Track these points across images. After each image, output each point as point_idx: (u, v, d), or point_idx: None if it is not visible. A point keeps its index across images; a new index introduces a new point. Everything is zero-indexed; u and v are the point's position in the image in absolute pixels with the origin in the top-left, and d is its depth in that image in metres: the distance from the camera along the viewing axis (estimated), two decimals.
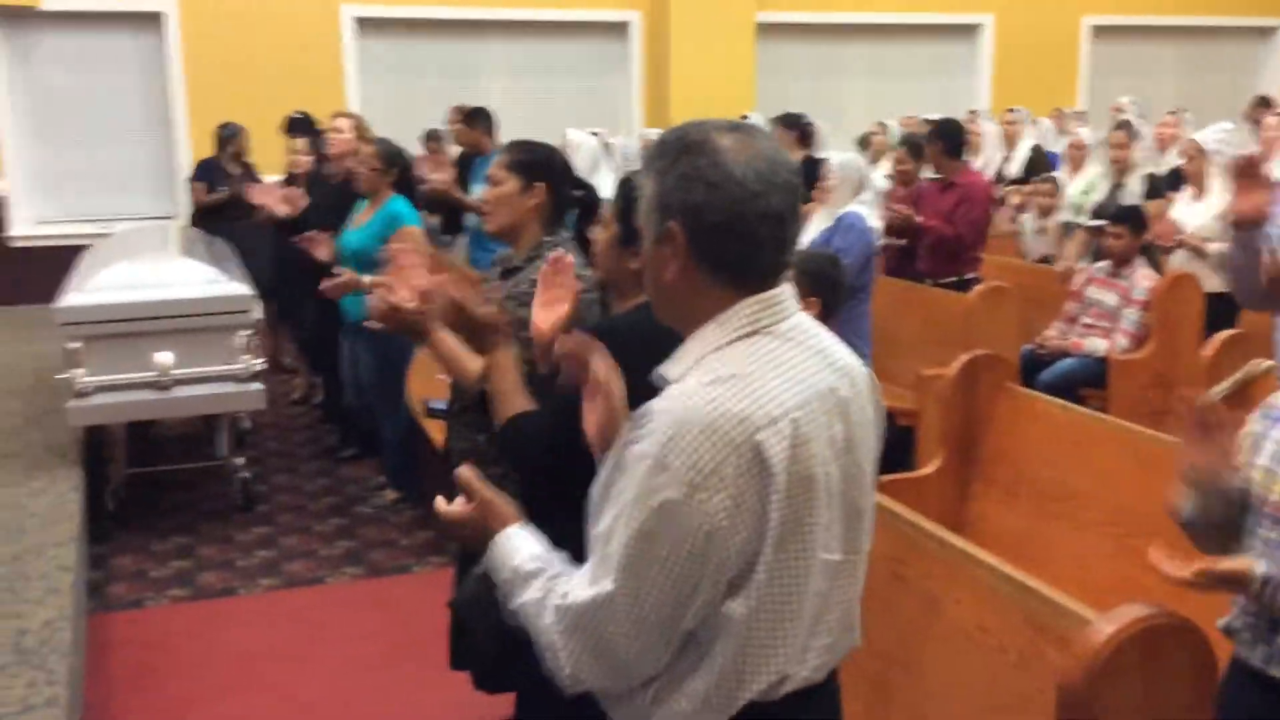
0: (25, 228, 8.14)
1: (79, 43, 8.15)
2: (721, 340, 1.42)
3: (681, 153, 1.42)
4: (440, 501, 1.65)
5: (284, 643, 3.84)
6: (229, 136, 6.85)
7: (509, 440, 2.05)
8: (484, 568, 1.95)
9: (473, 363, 2.27)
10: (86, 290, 4.55)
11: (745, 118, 7.11)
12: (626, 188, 2.02)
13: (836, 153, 5.43)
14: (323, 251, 4.62)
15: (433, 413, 4.84)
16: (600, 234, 2.16)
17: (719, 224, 1.40)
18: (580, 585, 1.42)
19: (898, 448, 4.71)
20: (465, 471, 1.62)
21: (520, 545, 1.56)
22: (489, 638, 1.95)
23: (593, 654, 1.41)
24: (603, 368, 1.56)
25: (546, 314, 2.13)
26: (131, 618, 4.01)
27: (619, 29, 9.40)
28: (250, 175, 6.91)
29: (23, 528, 4.00)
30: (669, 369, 1.45)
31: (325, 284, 4.34)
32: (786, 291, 1.48)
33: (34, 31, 8.02)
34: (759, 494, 1.36)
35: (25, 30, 8.00)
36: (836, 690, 1.59)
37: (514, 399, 2.03)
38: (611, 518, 1.39)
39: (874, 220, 4.79)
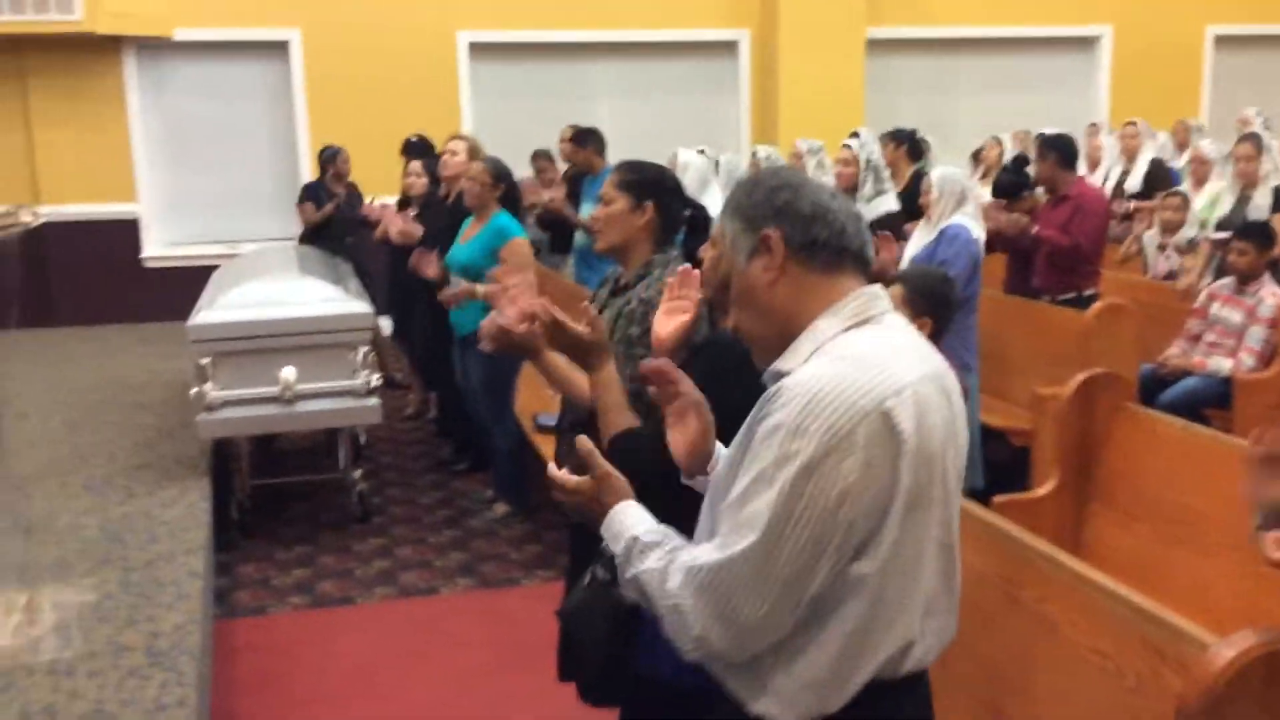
0: (158, 249, 8.53)
1: (209, 71, 8.53)
2: (836, 329, 1.52)
3: (762, 181, 1.62)
4: (553, 467, 1.73)
5: (399, 650, 3.95)
6: (329, 158, 7.10)
7: (618, 457, 2.08)
8: (589, 579, 2.00)
9: (583, 379, 2.32)
10: (216, 308, 4.75)
11: (855, 134, 7.09)
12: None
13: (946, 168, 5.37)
14: (431, 269, 4.76)
15: (541, 428, 4.95)
16: (707, 252, 2.19)
17: (809, 214, 1.56)
18: (710, 549, 1.49)
19: (1012, 468, 4.64)
20: (585, 441, 1.69)
21: (639, 518, 1.64)
22: (594, 648, 1.99)
23: (721, 616, 1.46)
24: (688, 388, 1.62)
25: (667, 321, 2.18)
26: (255, 624, 4.16)
27: (728, 48, 9.44)
28: (354, 195, 7.14)
29: (155, 536, 4.20)
30: (785, 363, 1.54)
31: (443, 294, 4.48)
32: (881, 288, 1.60)
33: (167, 61, 8.42)
34: (890, 458, 1.43)
35: (159, 60, 8.40)
36: (930, 689, 1.63)
37: (618, 416, 2.08)
38: (746, 484, 1.46)
39: (978, 231, 4.73)
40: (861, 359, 1.47)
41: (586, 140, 6.65)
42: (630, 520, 1.63)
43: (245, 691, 3.68)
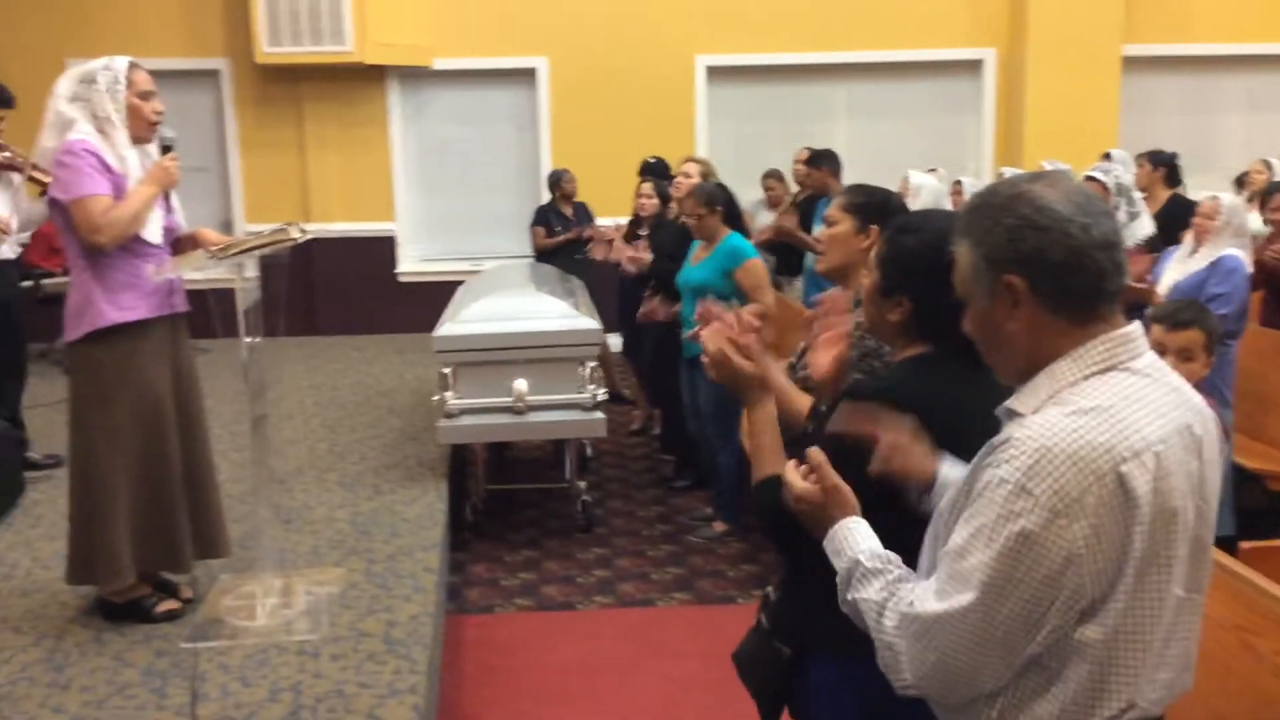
0: (410, 265, 9.10)
1: (463, 98, 9.04)
2: (1077, 375, 1.44)
3: (1000, 210, 1.46)
4: (791, 468, 1.71)
5: (615, 657, 4.06)
6: (555, 180, 7.39)
7: (757, 501, 2.01)
8: (763, 624, 2.01)
9: (801, 401, 2.32)
10: (458, 321, 5.03)
11: (1106, 155, 6.76)
12: (893, 236, 1.96)
13: (1208, 192, 5.07)
14: (661, 315, 4.87)
15: None
16: (866, 279, 2.13)
17: (1061, 262, 1.42)
18: (928, 596, 1.46)
19: (1267, 513, 4.30)
20: (817, 453, 1.67)
21: (861, 538, 1.62)
22: (759, 695, 2.02)
23: (935, 665, 1.45)
24: (893, 432, 1.62)
25: (823, 354, 2.14)
26: (482, 621, 4.38)
27: (971, 67, 9.20)
28: (583, 214, 7.39)
29: (397, 531, 4.49)
30: (1019, 403, 1.47)
31: (640, 313, 4.61)
32: (1138, 329, 1.48)
33: (426, 89, 8.99)
34: (1122, 524, 1.37)
35: (419, 88, 8.98)
36: None
37: (767, 458, 1.97)
38: (966, 536, 1.42)
39: (1248, 265, 4.47)
40: (1100, 413, 1.39)
41: (821, 161, 6.64)
42: (854, 539, 1.62)
43: (470, 684, 3.88)
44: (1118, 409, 1.40)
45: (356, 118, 8.82)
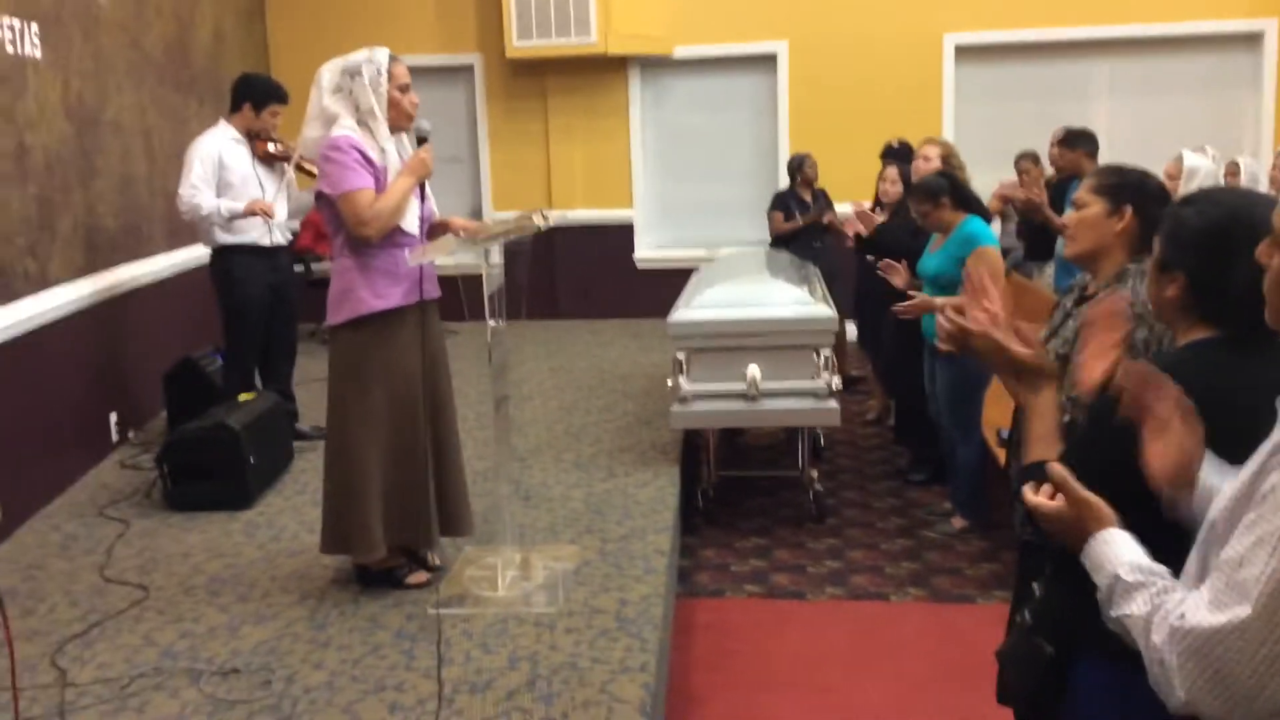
0: (647, 251, 9.24)
1: (702, 85, 9.08)
2: None
3: None
4: (1029, 490, 1.65)
5: (846, 651, 3.99)
6: (796, 167, 7.26)
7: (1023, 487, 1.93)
8: (1026, 620, 1.90)
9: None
10: (693, 307, 5.07)
11: None
12: (1175, 209, 1.84)
13: None
14: (899, 279, 4.72)
15: (1004, 442, 4.75)
16: (1267, 257, 1.97)
17: None
18: (1201, 608, 1.36)
19: None
20: (1058, 469, 1.60)
21: (1121, 551, 1.53)
22: (1020, 694, 1.91)
23: (1212, 682, 1.34)
24: (1174, 403, 1.47)
25: (1094, 366, 1.92)
26: (712, 605, 4.40)
27: (1249, 40, 8.46)
28: (823, 200, 7.25)
29: (630, 513, 4.57)
30: None
31: (900, 306, 4.46)
32: None
33: (666, 77, 9.09)
34: None
35: (659, 76, 9.09)
36: None
37: (1042, 447, 1.87)
38: (1248, 544, 1.32)
39: None
40: None
41: (1076, 142, 6.28)
42: (1113, 552, 1.53)
43: (699, 667, 3.90)
44: None
45: (599, 108, 9.01)
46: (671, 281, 6.41)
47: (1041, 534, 1.79)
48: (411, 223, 3.67)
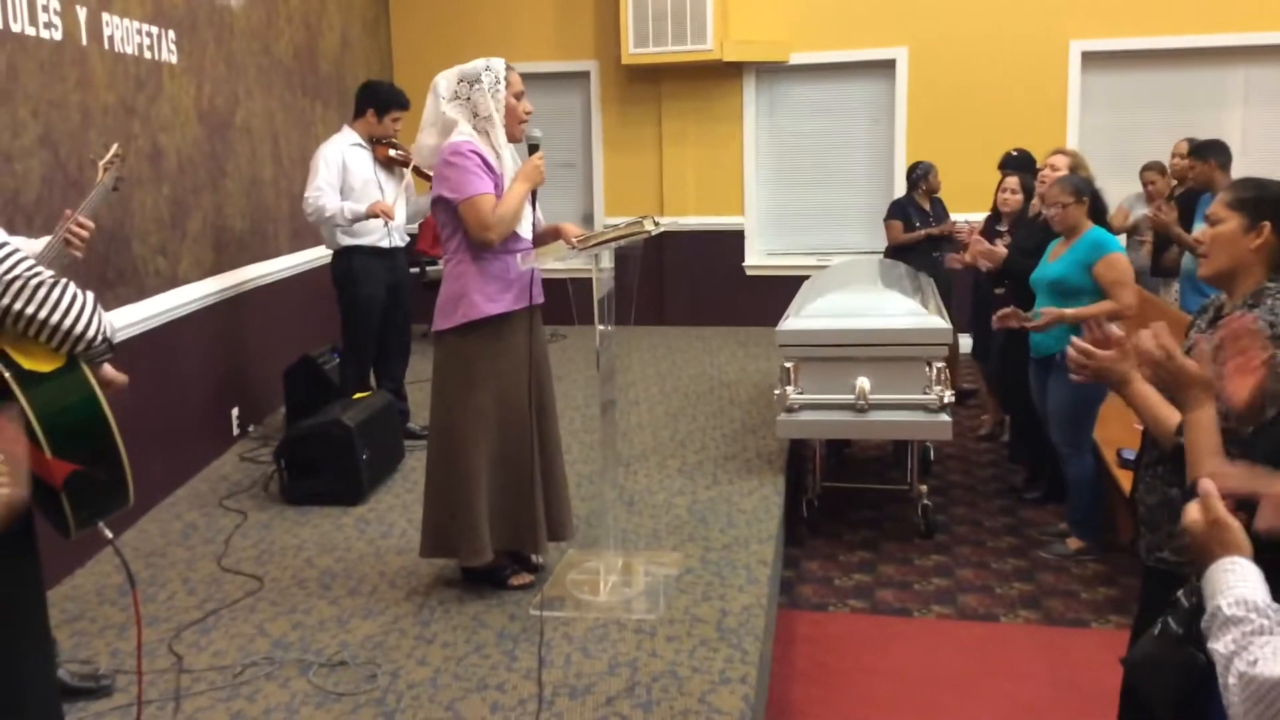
0: (757, 258, 9.18)
1: (818, 91, 8.99)
2: None
3: None
4: (1191, 508, 1.62)
5: (954, 671, 3.89)
6: (920, 176, 7.11)
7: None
8: (1159, 630, 1.83)
9: (1171, 416, 2.13)
10: (803, 316, 5.01)
11: None
12: None
13: None
14: (1014, 322, 4.58)
15: (1125, 463, 4.59)
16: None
17: None
18: (1273, 658, 1.32)
19: None
20: (1209, 484, 1.58)
21: (1233, 582, 1.48)
22: (1162, 705, 1.83)
23: None
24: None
25: (1239, 384, 1.90)
26: (815, 619, 4.34)
27: None
28: (941, 212, 7.09)
29: (733, 521, 4.54)
30: None
31: (1030, 324, 4.36)
32: None
33: (782, 83, 9.02)
34: None
35: (775, 82, 9.03)
36: None
37: (1207, 462, 1.86)
38: None
39: None
40: None
41: (1208, 153, 6.02)
42: (1228, 581, 1.48)
43: (800, 681, 3.85)
44: None
45: (713, 114, 9.00)
46: (781, 289, 6.36)
47: (1171, 558, 1.74)
48: (525, 228, 3.72)
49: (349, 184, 5.43)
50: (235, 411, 5.85)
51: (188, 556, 4.33)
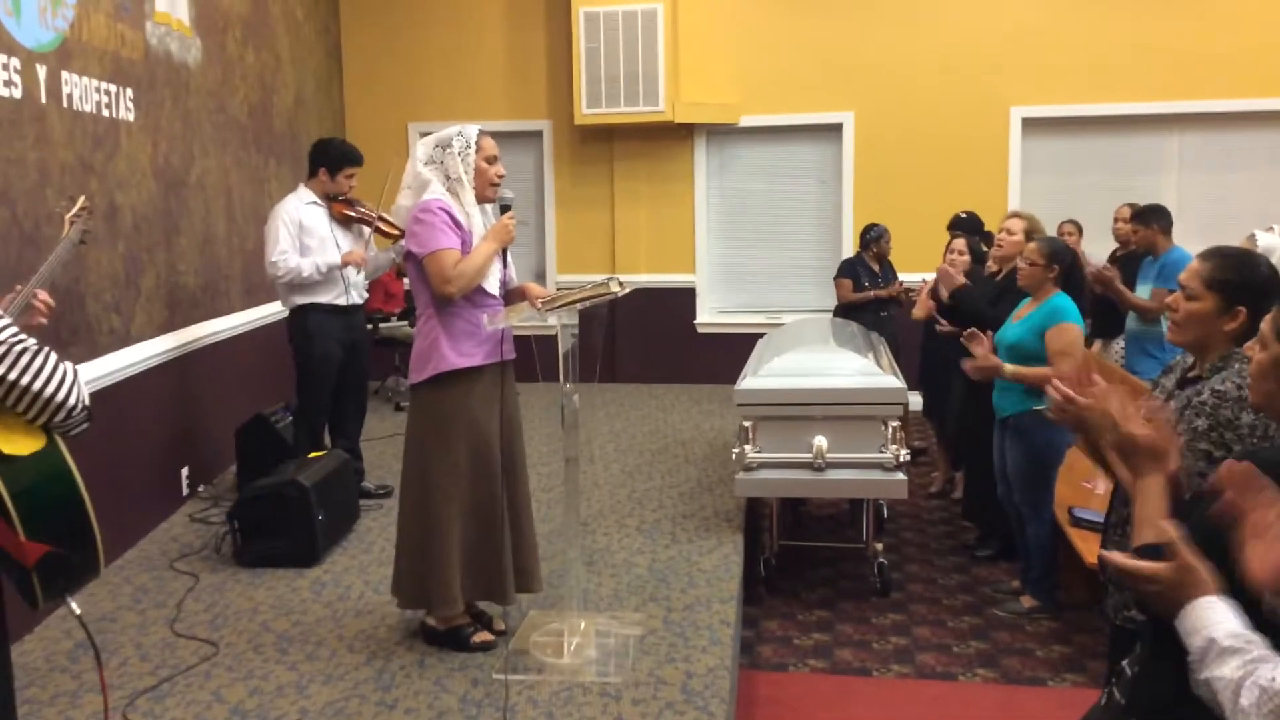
0: (709, 315, 9.27)
1: (767, 152, 9.16)
2: None
3: None
4: (1116, 555, 1.63)
5: None
6: (874, 239, 7.26)
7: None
8: (1104, 701, 1.86)
9: None
10: (761, 375, 5.06)
11: None
12: None
13: None
14: (980, 347, 4.64)
15: (1078, 522, 4.67)
16: (1258, 354, 1.90)
17: None
18: None
19: None
20: (1171, 528, 1.59)
21: (1221, 617, 1.52)
22: None
23: None
24: (1275, 505, 1.46)
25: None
26: (775, 679, 4.34)
27: None
28: (890, 274, 7.25)
29: (694, 581, 4.54)
30: None
31: (968, 364, 4.42)
32: None
33: (733, 145, 9.18)
34: None
35: (725, 144, 9.18)
36: None
37: (1151, 530, 1.82)
38: None
39: None
40: None
41: (1150, 218, 6.22)
42: (1213, 618, 1.52)
43: None
44: None
45: (664, 173, 9.12)
46: (732, 346, 6.43)
47: (1139, 617, 1.75)
48: (493, 285, 3.78)
49: (304, 243, 5.42)
50: (185, 471, 5.75)
51: (139, 621, 4.23)
